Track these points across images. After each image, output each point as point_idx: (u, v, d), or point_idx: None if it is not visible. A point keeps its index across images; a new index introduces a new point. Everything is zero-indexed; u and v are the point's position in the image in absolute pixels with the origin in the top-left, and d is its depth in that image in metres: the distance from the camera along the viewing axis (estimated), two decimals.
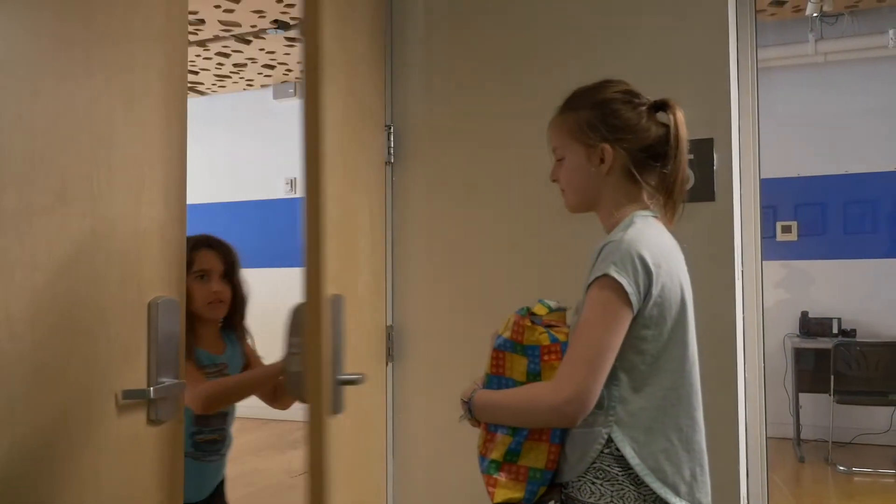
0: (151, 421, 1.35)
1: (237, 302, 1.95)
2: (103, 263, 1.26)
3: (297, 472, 4.79)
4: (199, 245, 1.88)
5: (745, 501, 2.95)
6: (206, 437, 1.86)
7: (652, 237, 1.29)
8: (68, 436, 1.20)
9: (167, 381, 1.36)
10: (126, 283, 1.31)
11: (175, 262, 1.42)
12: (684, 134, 1.34)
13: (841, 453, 5.03)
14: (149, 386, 1.34)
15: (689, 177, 1.37)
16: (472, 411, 1.35)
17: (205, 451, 1.86)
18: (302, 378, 1.16)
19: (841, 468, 4.78)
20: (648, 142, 1.34)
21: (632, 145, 1.34)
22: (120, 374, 1.29)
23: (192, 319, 1.79)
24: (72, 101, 1.22)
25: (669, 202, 1.35)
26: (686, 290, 1.31)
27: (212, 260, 1.89)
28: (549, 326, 1.35)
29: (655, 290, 1.24)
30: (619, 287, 1.21)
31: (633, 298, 1.21)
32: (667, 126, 1.34)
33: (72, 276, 1.21)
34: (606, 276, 1.22)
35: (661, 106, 1.36)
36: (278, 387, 1.94)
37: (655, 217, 1.36)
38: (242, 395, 1.85)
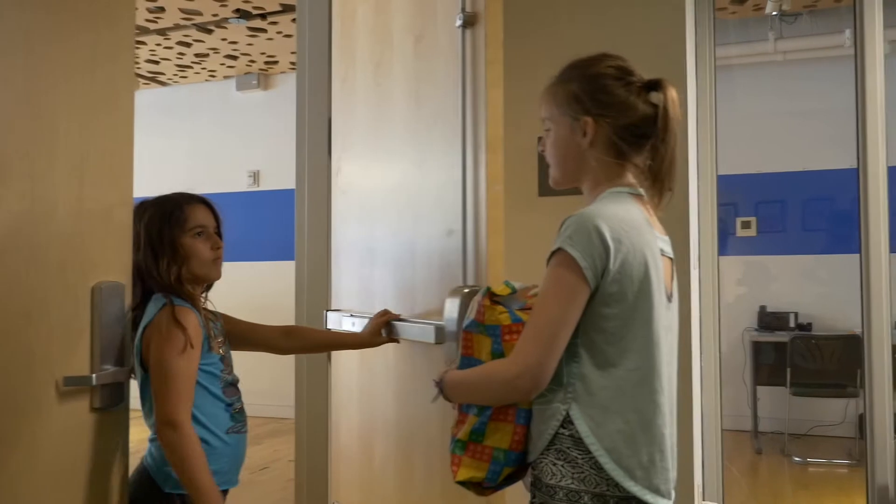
0: (95, 408, 1.32)
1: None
2: (43, 246, 1.23)
3: (259, 468, 4.75)
4: (188, 199, 1.66)
5: (701, 492, 3.00)
6: (237, 405, 1.70)
7: (615, 211, 1.25)
8: (5, 423, 1.17)
9: (111, 367, 1.33)
10: (68, 266, 1.27)
11: (121, 245, 1.39)
12: (675, 116, 1.30)
13: (796, 445, 5.12)
14: (92, 372, 1.31)
15: (676, 162, 1.31)
16: (443, 392, 1.35)
17: (241, 421, 1.70)
18: None
19: (796, 459, 4.87)
20: (634, 120, 1.31)
21: (616, 122, 1.31)
22: (61, 360, 1.26)
23: (184, 287, 1.60)
24: (8, 75, 1.18)
25: (656, 186, 1.31)
26: (652, 268, 1.24)
27: (206, 215, 1.67)
28: (527, 310, 1.33)
29: (614, 266, 1.20)
30: (572, 262, 1.19)
31: (588, 273, 1.18)
32: (657, 106, 1.31)
33: (8, 258, 1.17)
34: (561, 250, 1.20)
35: (654, 85, 1.33)
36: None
37: (634, 194, 1.32)
38: None
